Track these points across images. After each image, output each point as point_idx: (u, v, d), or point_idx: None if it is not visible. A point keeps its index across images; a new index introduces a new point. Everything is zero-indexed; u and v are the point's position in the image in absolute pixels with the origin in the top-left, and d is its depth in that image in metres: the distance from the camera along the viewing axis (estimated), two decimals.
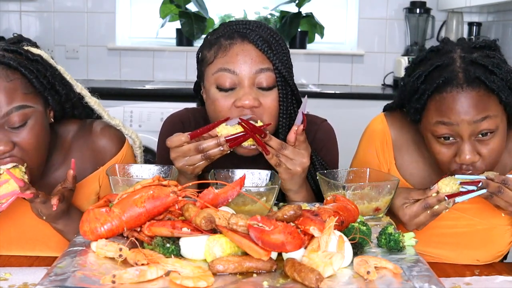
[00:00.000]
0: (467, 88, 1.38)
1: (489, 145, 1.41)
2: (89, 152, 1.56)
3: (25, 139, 1.36)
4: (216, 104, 1.54)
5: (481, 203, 1.56)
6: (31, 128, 1.37)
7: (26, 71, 1.37)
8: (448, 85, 1.39)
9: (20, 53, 1.41)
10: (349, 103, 3.81)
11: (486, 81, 1.38)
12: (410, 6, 4.26)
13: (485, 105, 1.39)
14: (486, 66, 1.40)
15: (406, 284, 1.02)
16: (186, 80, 4.34)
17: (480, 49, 1.46)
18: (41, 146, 1.40)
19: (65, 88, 1.49)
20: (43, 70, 1.42)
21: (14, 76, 1.36)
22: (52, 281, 1.00)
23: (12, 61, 1.36)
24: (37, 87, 1.39)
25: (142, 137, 1.76)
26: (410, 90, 1.48)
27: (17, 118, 1.35)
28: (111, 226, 1.15)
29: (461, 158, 1.41)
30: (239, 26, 1.57)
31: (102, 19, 4.36)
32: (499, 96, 1.39)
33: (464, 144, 1.41)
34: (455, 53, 1.44)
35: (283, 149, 1.46)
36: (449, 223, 1.58)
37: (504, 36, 3.87)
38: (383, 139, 1.63)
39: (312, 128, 1.70)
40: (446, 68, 1.42)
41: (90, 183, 1.56)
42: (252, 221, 1.06)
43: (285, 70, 1.54)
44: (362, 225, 1.20)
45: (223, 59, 1.53)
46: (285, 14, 4.30)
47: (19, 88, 1.36)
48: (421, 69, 1.46)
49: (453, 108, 1.39)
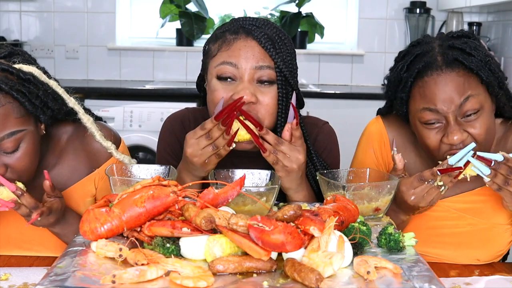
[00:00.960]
0: (446, 70, 1.44)
1: (476, 125, 1.44)
2: (84, 154, 1.56)
3: (18, 161, 1.36)
4: (215, 94, 1.55)
5: (481, 203, 1.56)
6: (24, 150, 1.37)
7: (18, 95, 1.34)
8: (428, 69, 1.45)
9: (12, 73, 1.37)
10: (349, 103, 3.81)
11: (464, 61, 1.43)
12: (410, 6, 4.26)
13: (465, 85, 1.43)
14: (464, 49, 1.46)
15: (406, 284, 1.02)
16: (186, 80, 4.34)
17: (458, 38, 1.52)
18: (33, 163, 1.40)
19: (58, 104, 1.45)
20: (35, 90, 1.38)
21: (5, 101, 1.33)
22: (52, 281, 1.00)
23: (3, 84, 1.32)
24: (29, 110, 1.36)
25: (142, 137, 1.76)
26: (394, 81, 1.54)
27: (10, 144, 1.34)
28: (111, 226, 1.15)
29: (449, 139, 1.43)
30: (246, 22, 1.58)
31: (102, 19, 4.36)
32: (479, 76, 1.43)
33: (450, 126, 1.43)
34: (434, 43, 1.51)
35: (280, 144, 1.47)
36: (449, 223, 1.58)
37: (504, 36, 3.87)
38: (380, 140, 1.64)
39: (313, 130, 1.70)
40: (425, 55, 1.48)
41: (85, 185, 1.56)
42: (252, 221, 1.06)
43: (286, 70, 1.55)
44: (362, 225, 1.20)
45: (226, 52, 1.54)
46: (285, 14, 4.30)
47: (11, 113, 1.33)
48: (403, 61, 1.53)
49: (435, 92, 1.43)
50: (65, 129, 1.56)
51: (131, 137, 3.57)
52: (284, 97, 1.56)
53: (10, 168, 1.36)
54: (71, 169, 1.55)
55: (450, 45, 1.47)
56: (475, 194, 1.56)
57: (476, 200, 1.57)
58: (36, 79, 1.41)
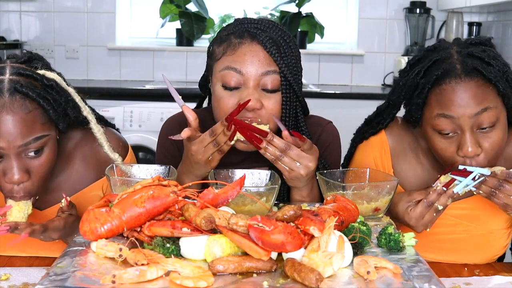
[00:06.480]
0: (465, 78, 1.41)
1: (490, 138, 1.42)
2: (93, 161, 1.56)
3: (41, 166, 1.38)
4: (221, 102, 1.55)
5: (478, 209, 1.57)
6: (47, 155, 1.39)
7: (44, 102, 1.36)
8: (447, 77, 1.42)
9: (36, 79, 1.39)
10: (349, 103, 3.81)
11: (483, 71, 1.41)
12: (410, 6, 4.26)
13: (484, 95, 1.41)
14: (483, 58, 1.43)
15: (406, 284, 1.02)
16: (186, 80, 4.34)
17: (475, 45, 1.50)
18: (51, 168, 1.42)
19: (75, 112, 1.47)
20: (58, 97, 1.41)
21: (32, 107, 1.35)
22: (52, 281, 1.00)
23: (30, 91, 1.34)
24: (52, 116, 1.38)
25: (142, 137, 1.76)
26: (410, 86, 1.51)
27: (35, 147, 1.36)
28: (111, 226, 1.15)
29: (463, 150, 1.41)
30: (251, 26, 1.57)
31: (102, 19, 4.36)
32: (496, 87, 1.42)
33: (465, 136, 1.41)
34: (452, 49, 1.48)
35: (289, 150, 1.44)
36: (446, 230, 1.59)
37: (504, 36, 3.87)
38: (381, 147, 1.63)
39: (316, 129, 1.70)
40: (444, 62, 1.45)
41: (93, 191, 1.56)
42: (252, 221, 1.06)
43: (290, 75, 1.54)
44: (362, 225, 1.20)
45: (231, 57, 1.54)
46: (285, 14, 4.30)
47: (37, 119, 1.36)
48: (420, 66, 1.49)
49: (453, 99, 1.41)
50: (73, 135, 1.56)
51: (131, 137, 3.57)
52: (288, 101, 1.56)
53: (32, 174, 1.37)
54: (79, 175, 1.55)
55: (469, 53, 1.44)
56: (472, 201, 1.56)
57: (473, 207, 1.57)
58: (59, 86, 1.44)
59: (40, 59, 1.49)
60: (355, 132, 1.72)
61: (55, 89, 1.41)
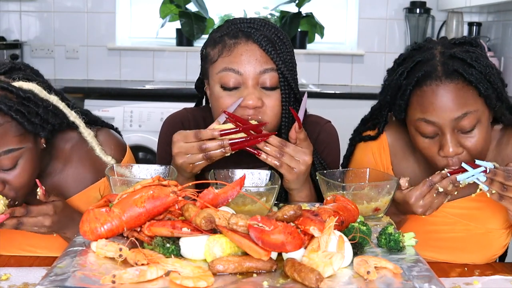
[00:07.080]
0: (445, 81, 1.42)
1: (473, 137, 1.43)
2: (90, 163, 1.56)
3: (16, 178, 1.37)
4: (221, 102, 1.54)
5: (477, 209, 1.57)
6: (22, 167, 1.37)
7: (18, 115, 1.34)
8: (427, 78, 1.43)
9: (11, 91, 1.37)
10: (349, 103, 3.81)
11: (464, 73, 1.41)
12: (410, 6, 4.26)
13: (464, 98, 1.41)
14: (465, 59, 1.43)
15: (406, 284, 1.02)
16: (186, 80, 4.34)
17: (460, 45, 1.49)
18: (31, 179, 1.40)
19: (58, 118, 1.45)
20: (35, 108, 1.38)
21: (4, 120, 1.33)
22: (52, 281, 1.00)
23: (2, 105, 1.32)
24: (28, 129, 1.36)
25: (142, 137, 1.76)
26: (394, 87, 1.52)
27: (7, 161, 1.35)
28: (111, 226, 1.15)
29: (444, 151, 1.43)
30: (244, 25, 1.57)
31: (102, 19, 4.36)
32: (477, 89, 1.42)
33: (446, 138, 1.42)
34: (435, 49, 1.48)
35: (285, 147, 1.46)
36: (445, 228, 1.59)
37: (504, 36, 3.87)
38: (380, 146, 1.64)
39: (315, 128, 1.70)
40: (426, 63, 1.45)
41: (90, 192, 1.56)
42: (252, 221, 1.06)
43: (287, 72, 1.55)
44: (362, 225, 1.20)
45: (227, 58, 1.54)
46: (285, 14, 4.31)
47: (8, 132, 1.34)
48: (404, 66, 1.51)
49: (433, 102, 1.41)
50: (70, 136, 1.56)
51: (131, 137, 3.57)
52: (287, 98, 1.56)
53: (8, 185, 1.36)
54: (77, 176, 1.55)
55: (451, 55, 1.45)
56: (471, 200, 1.55)
57: (472, 206, 1.57)
58: (37, 96, 1.41)
59: (24, 68, 1.47)
60: (353, 131, 1.73)
61: (32, 100, 1.38)
